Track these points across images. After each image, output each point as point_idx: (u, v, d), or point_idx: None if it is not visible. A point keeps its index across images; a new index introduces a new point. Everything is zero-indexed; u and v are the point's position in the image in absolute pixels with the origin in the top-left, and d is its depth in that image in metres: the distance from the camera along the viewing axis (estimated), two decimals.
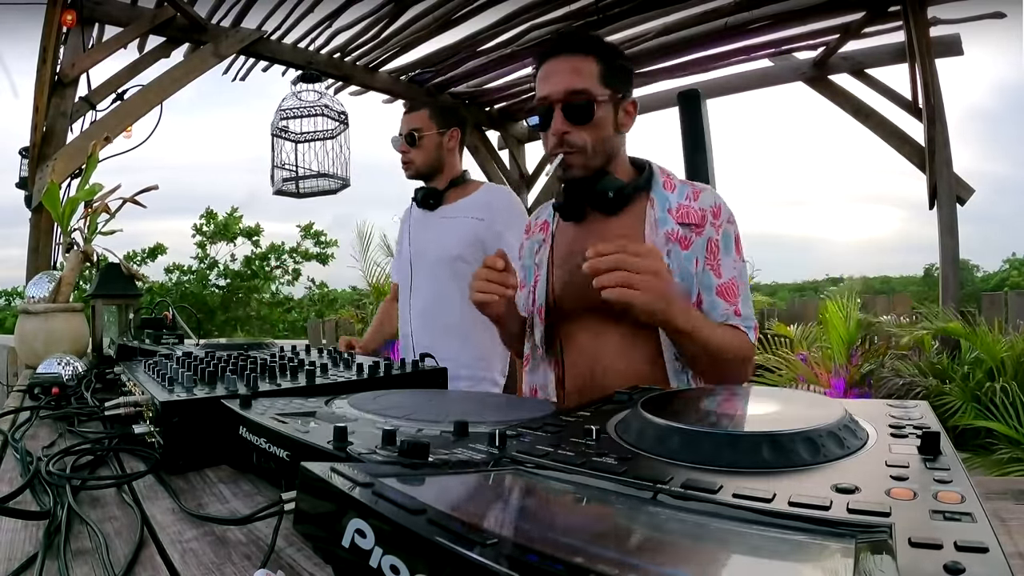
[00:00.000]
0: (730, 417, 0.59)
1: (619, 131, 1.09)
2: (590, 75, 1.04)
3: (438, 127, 1.77)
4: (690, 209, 1.07)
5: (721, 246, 1.06)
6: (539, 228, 1.25)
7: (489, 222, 1.71)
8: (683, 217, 1.07)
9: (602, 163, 1.08)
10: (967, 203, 3.60)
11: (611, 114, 1.06)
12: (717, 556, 0.33)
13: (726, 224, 1.07)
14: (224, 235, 11.01)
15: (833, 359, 3.83)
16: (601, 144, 1.06)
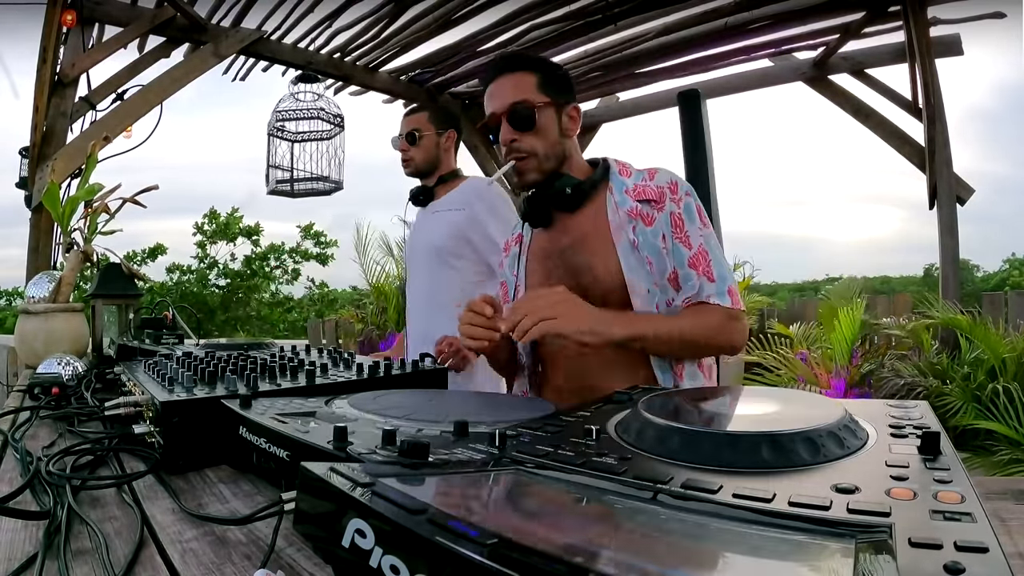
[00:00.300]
0: (730, 417, 0.59)
1: (565, 135, 1.16)
2: (528, 87, 1.13)
3: (436, 128, 1.88)
4: (647, 187, 1.13)
5: (684, 218, 1.10)
6: (515, 242, 1.31)
7: (469, 212, 1.80)
8: (640, 195, 1.12)
9: (555, 166, 1.15)
10: (967, 203, 3.60)
11: (554, 120, 1.14)
12: (717, 556, 0.33)
13: (685, 197, 1.12)
14: (225, 235, 11.01)
15: (833, 359, 3.83)
16: (550, 148, 1.14)
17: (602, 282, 1.11)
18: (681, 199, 1.11)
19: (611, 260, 1.11)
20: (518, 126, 1.12)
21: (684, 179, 1.15)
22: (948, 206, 3.58)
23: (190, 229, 11.05)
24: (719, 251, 1.11)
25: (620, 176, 1.17)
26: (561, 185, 1.13)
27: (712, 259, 1.09)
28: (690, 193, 1.13)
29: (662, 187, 1.12)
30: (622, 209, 1.12)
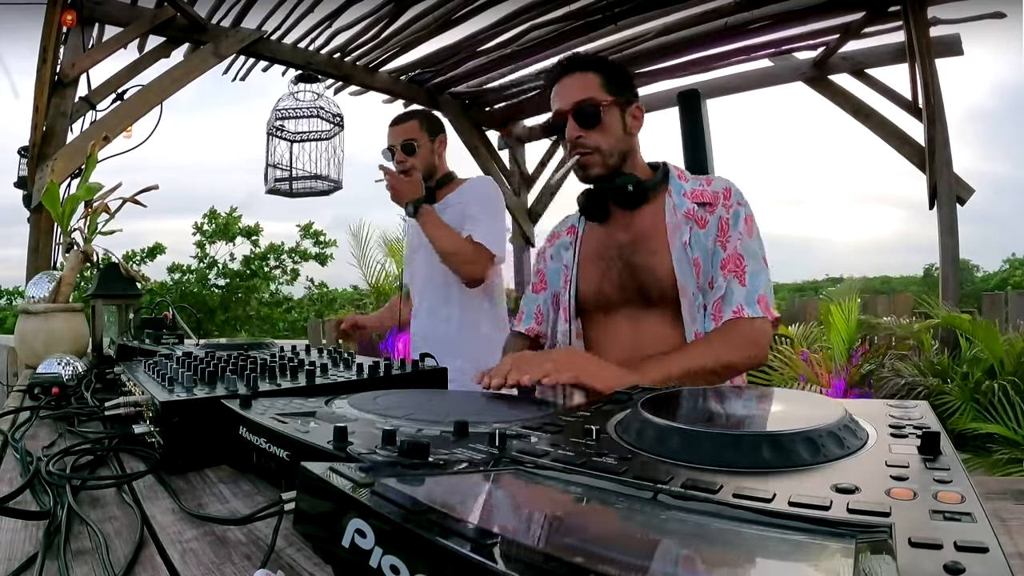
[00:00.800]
0: (730, 417, 0.59)
1: (629, 133, 1.20)
2: (593, 85, 1.17)
3: (430, 135, 1.93)
4: (704, 191, 1.18)
5: (730, 223, 1.14)
6: (567, 233, 1.35)
7: (464, 204, 1.86)
8: (698, 197, 1.17)
9: (618, 162, 1.19)
10: (967, 203, 3.60)
11: (618, 118, 1.18)
12: (717, 556, 0.33)
13: (736, 205, 1.15)
14: (224, 235, 11.01)
15: (833, 359, 3.83)
16: (614, 145, 1.18)
17: (660, 281, 1.15)
18: (732, 206, 1.15)
19: (666, 260, 1.15)
20: (583, 123, 1.16)
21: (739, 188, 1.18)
22: (948, 206, 3.58)
23: (190, 229, 11.06)
24: (758, 261, 1.12)
25: (679, 180, 1.21)
26: (624, 182, 1.17)
27: (747, 265, 1.11)
28: (742, 202, 1.16)
29: (717, 192, 1.17)
30: (680, 211, 1.17)
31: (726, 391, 0.69)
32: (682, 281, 1.14)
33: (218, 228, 10.99)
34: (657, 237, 1.17)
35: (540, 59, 4.05)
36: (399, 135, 1.92)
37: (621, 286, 1.22)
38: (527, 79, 4.37)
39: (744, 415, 0.60)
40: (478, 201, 1.88)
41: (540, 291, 1.38)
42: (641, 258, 1.18)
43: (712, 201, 1.16)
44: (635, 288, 1.18)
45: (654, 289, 1.16)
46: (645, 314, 1.19)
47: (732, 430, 0.48)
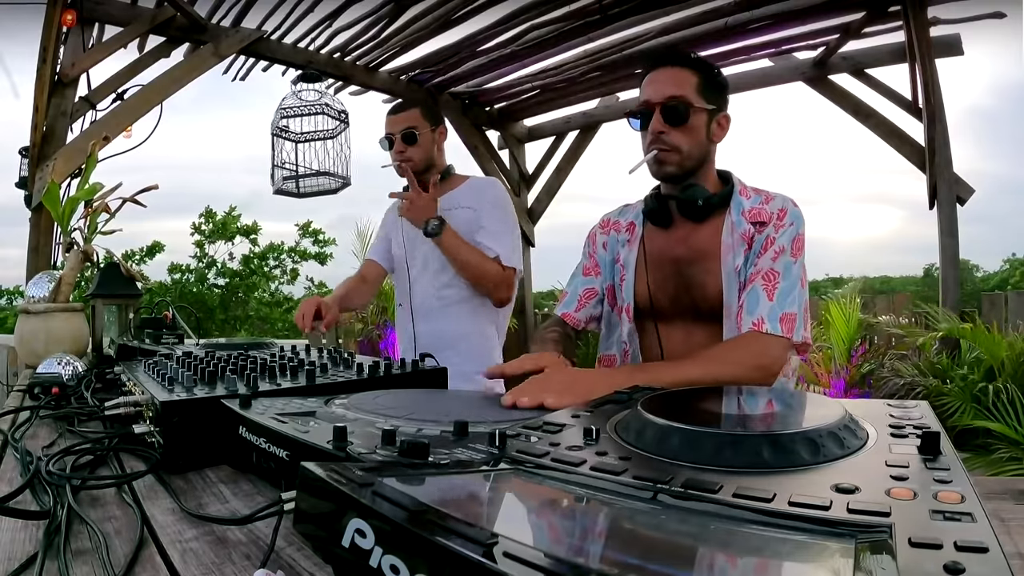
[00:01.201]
0: (730, 417, 0.59)
1: (711, 140, 1.18)
2: (689, 85, 1.15)
3: (431, 124, 1.83)
4: (762, 210, 1.16)
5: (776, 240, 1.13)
6: (625, 228, 1.32)
7: (478, 210, 1.79)
8: (755, 217, 1.16)
9: (695, 166, 1.17)
10: (967, 203, 3.60)
11: (705, 123, 1.16)
12: (717, 556, 0.33)
13: (788, 226, 1.14)
14: (222, 234, 11.00)
15: (833, 359, 3.83)
16: (695, 148, 1.16)
17: (709, 300, 1.16)
18: (784, 226, 1.13)
19: (718, 280, 1.15)
20: (671, 120, 1.14)
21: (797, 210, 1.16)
22: (948, 206, 3.58)
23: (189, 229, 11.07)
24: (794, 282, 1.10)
25: (740, 196, 1.19)
26: (695, 195, 1.16)
27: (781, 283, 1.09)
28: (794, 223, 1.14)
29: (773, 212, 1.15)
30: (738, 231, 1.16)
31: (726, 391, 0.69)
32: (728, 302, 1.14)
33: (216, 228, 10.99)
34: (712, 255, 1.16)
35: (540, 59, 4.05)
36: (399, 123, 1.82)
37: (675, 298, 1.21)
38: (527, 79, 4.37)
39: (744, 415, 0.60)
40: (495, 211, 1.80)
41: (590, 275, 1.35)
42: (696, 274, 1.18)
43: (767, 220, 1.15)
44: (688, 303, 1.19)
45: (704, 305, 1.17)
46: (696, 327, 1.19)
47: (732, 430, 0.48)
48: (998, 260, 22.04)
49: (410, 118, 1.81)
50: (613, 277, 1.32)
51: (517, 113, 5.01)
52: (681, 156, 1.15)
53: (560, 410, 0.85)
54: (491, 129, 5.10)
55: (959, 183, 3.59)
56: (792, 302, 1.09)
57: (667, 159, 1.15)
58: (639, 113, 1.18)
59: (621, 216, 1.36)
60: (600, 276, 1.34)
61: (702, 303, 1.17)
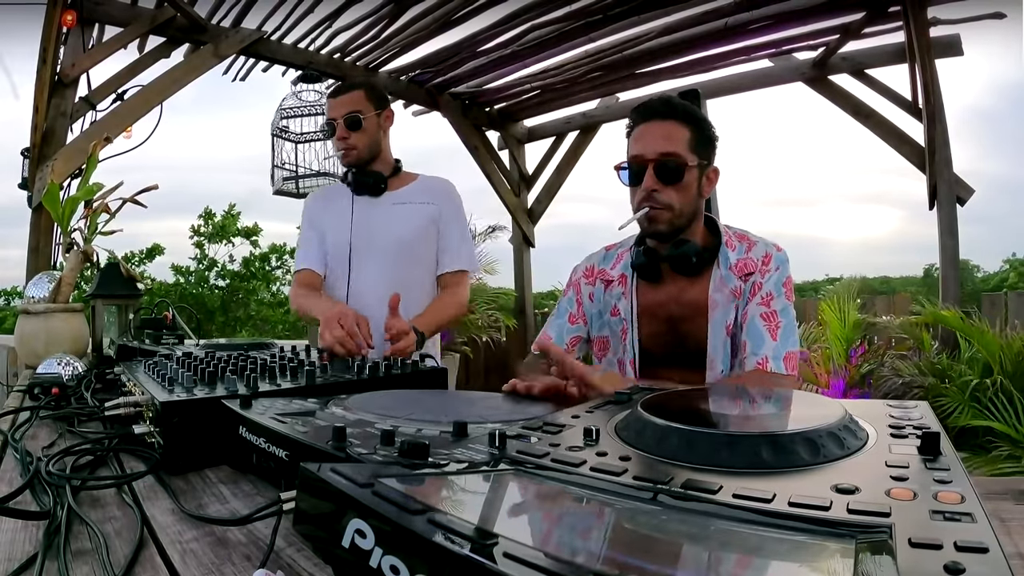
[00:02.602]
0: (730, 417, 0.59)
1: (701, 195, 1.19)
2: (682, 141, 1.14)
3: (375, 107, 1.67)
4: (748, 260, 1.18)
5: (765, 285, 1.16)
6: (618, 281, 1.29)
7: (439, 207, 1.73)
8: (742, 269, 1.18)
9: (687, 223, 1.17)
10: (967, 203, 3.60)
11: (696, 179, 1.16)
12: (717, 556, 0.33)
13: (774, 271, 1.17)
14: (222, 235, 11.01)
15: (832, 359, 3.83)
16: (688, 206, 1.16)
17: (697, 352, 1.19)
18: (769, 271, 1.16)
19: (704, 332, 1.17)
20: (664, 178, 1.12)
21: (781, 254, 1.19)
22: (948, 206, 3.58)
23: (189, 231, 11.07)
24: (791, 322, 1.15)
25: (727, 248, 1.20)
26: (688, 251, 1.16)
27: (781, 322, 1.13)
28: (779, 267, 1.17)
29: (757, 259, 1.17)
30: (727, 287, 1.17)
31: (726, 391, 0.69)
32: (711, 355, 1.17)
33: (215, 229, 10.99)
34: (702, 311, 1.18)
35: (540, 59, 4.05)
36: (342, 107, 1.65)
37: (670, 353, 1.23)
38: (527, 79, 4.37)
39: (744, 415, 0.60)
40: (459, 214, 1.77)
41: (577, 323, 1.33)
42: (689, 330, 1.20)
43: (753, 269, 1.17)
44: (681, 354, 1.21)
45: (698, 356, 1.19)
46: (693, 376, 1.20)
47: (732, 430, 0.48)
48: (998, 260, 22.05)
49: (353, 100, 1.65)
50: (600, 329, 1.31)
51: (517, 113, 5.01)
52: (673, 214, 1.14)
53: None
54: (491, 129, 5.10)
55: (959, 183, 3.59)
56: (793, 343, 1.13)
57: (659, 217, 1.14)
58: (630, 168, 1.17)
59: (606, 264, 1.33)
60: (587, 325, 1.33)
61: (696, 354, 1.19)
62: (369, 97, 1.66)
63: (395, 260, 1.68)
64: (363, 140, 1.66)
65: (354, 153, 1.66)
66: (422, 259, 1.72)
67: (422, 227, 1.70)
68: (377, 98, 1.69)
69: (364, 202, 1.73)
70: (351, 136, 1.64)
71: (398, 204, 1.71)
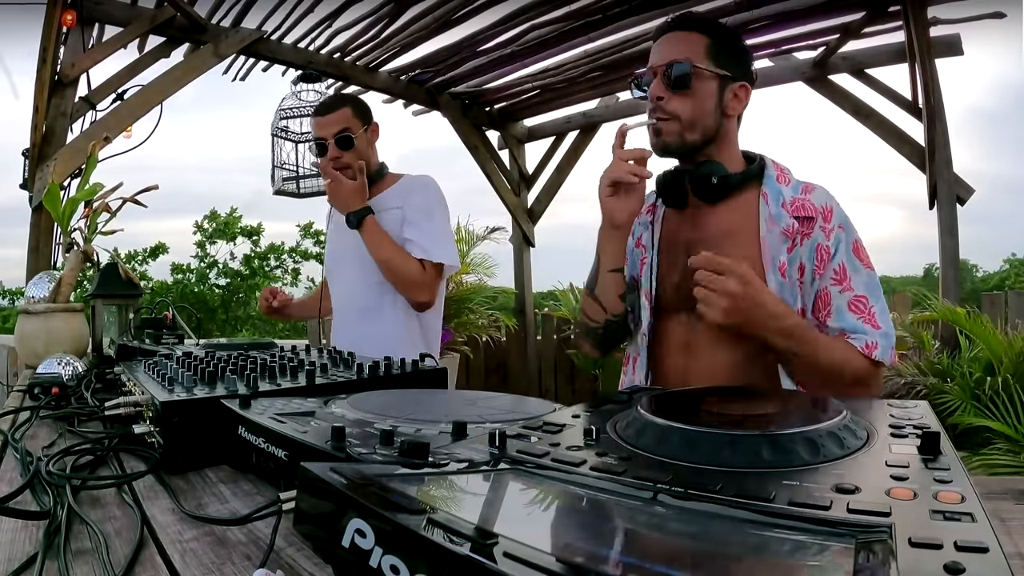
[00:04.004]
0: (730, 417, 0.59)
1: (724, 112, 1.05)
2: (695, 47, 1.03)
3: (363, 123, 1.68)
4: (805, 202, 1.03)
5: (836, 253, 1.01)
6: (647, 210, 1.18)
7: (404, 208, 1.67)
8: (798, 210, 1.02)
9: (699, 139, 1.04)
10: (967, 203, 3.60)
11: (714, 90, 1.04)
12: (717, 556, 0.33)
13: (837, 229, 1.02)
14: (224, 234, 11.03)
15: None
16: (699, 117, 1.03)
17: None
18: (832, 230, 1.01)
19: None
20: (670, 85, 1.01)
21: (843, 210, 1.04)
22: (948, 206, 3.58)
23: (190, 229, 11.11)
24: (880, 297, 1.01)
25: (777, 183, 1.05)
26: (708, 171, 1.03)
27: (874, 307, 0.99)
28: (844, 226, 1.02)
29: (818, 208, 1.02)
30: (778, 227, 1.01)
31: (726, 391, 0.69)
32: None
33: (219, 228, 11.01)
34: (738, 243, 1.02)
35: (540, 59, 4.05)
36: (331, 126, 1.63)
37: (676, 288, 1.08)
38: (527, 79, 4.37)
39: (744, 415, 0.60)
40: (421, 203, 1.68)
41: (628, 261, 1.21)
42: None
43: (812, 216, 1.01)
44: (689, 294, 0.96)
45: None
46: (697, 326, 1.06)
47: (732, 430, 0.48)
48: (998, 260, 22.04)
49: (342, 119, 1.64)
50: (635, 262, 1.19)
51: (517, 113, 5.00)
52: (681, 126, 1.02)
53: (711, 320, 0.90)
54: (491, 129, 5.10)
55: (959, 183, 3.59)
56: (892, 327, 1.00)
57: (665, 128, 1.03)
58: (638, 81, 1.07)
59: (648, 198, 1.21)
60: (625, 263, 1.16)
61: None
62: (356, 114, 1.67)
63: (365, 267, 1.66)
64: (355, 158, 1.65)
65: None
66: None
67: (391, 233, 1.64)
68: (363, 114, 1.69)
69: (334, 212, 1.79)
70: (343, 155, 1.65)
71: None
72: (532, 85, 4.44)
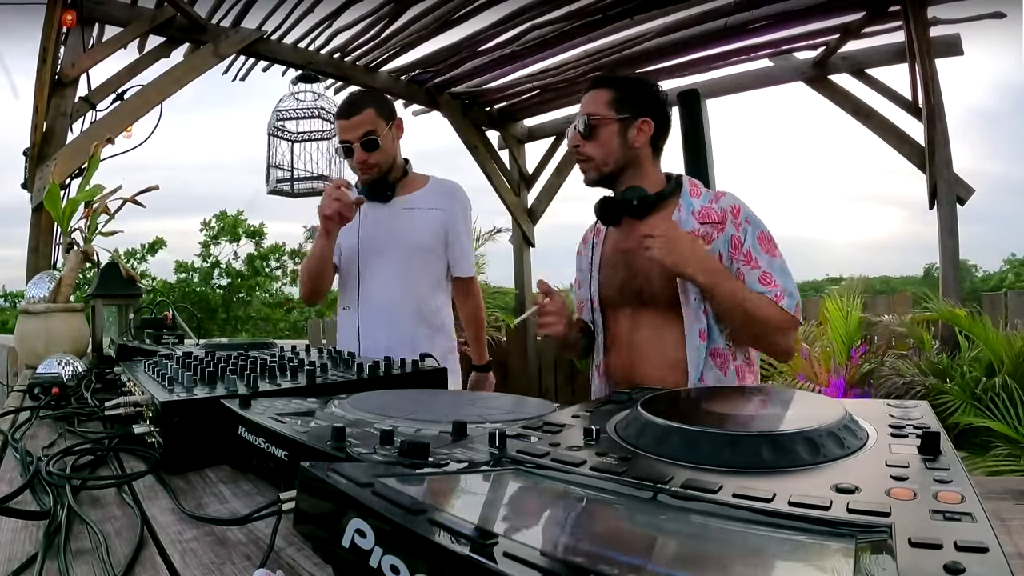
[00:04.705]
0: (730, 417, 0.59)
1: (631, 146, 1.29)
2: (601, 102, 1.30)
3: (387, 122, 1.67)
4: (711, 210, 1.26)
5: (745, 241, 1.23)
6: (592, 234, 1.46)
7: (450, 212, 1.73)
8: (704, 217, 1.26)
9: (615, 170, 1.30)
10: (967, 203, 3.60)
11: (616, 132, 1.29)
12: (717, 556, 0.33)
13: (744, 223, 1.24)
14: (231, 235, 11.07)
15: (833, 358, 3.83)
16: (607, 156, 1.29)
17: (652, 287, 1.27)
18: (741, 223, 1.23)
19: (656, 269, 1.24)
20: (584, 134, 1.30)
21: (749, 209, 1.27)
22: (948, 206, 3.58)
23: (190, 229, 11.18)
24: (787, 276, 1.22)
25: (690, 196, 1.30)
26: (630, 195, 1.28)
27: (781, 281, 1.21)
28: (751, 220, 1.24)
29: (725, 209, 1.25)
30: (685, 228, 1.24)
31: (726, 391, 0.69)
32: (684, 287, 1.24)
33: (226, 227, 11.05)
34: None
35: (540, 59, 4.05)
36: (357, 128, 1.62)
37: (621, 288, 1.33)
38: (527, 79, 4.37)
39: (744, 415, 0.60)
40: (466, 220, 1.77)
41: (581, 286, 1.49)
42: (640, 263, 1.27)
43: (719, 220, 1.24)
44: (632, 291, 1.30)
45: (647, 291, 1.28)
46: (641, 314, 1.31)
47: (732, 430, 0.48)
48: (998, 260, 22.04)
49: (366, 121, 1.63)
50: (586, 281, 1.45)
51: (517, 113, 5.00)
52: (596, 164, 1.30)
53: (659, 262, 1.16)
54: (491, 129, 5.09)
55: (959, 183, 3.58)
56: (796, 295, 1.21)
57: (584, 168, 1.33)
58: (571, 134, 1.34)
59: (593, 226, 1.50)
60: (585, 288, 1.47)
61: (646, 290, 1.28)
62: (380, 114, 1.66)
63: (403, 264, 1.70)
64: (382, 157, 1.67)
65: (376, 170, 1.67)
66: (430, 264, 1.73)
67: (430, 232, 1.71)
68: (387, 112, 1.69)
69: (372, 208, 1.72)
70: (370, 157, 1.65)
71: (407, 209, 1.72)
72: (532, 85, 4.44)
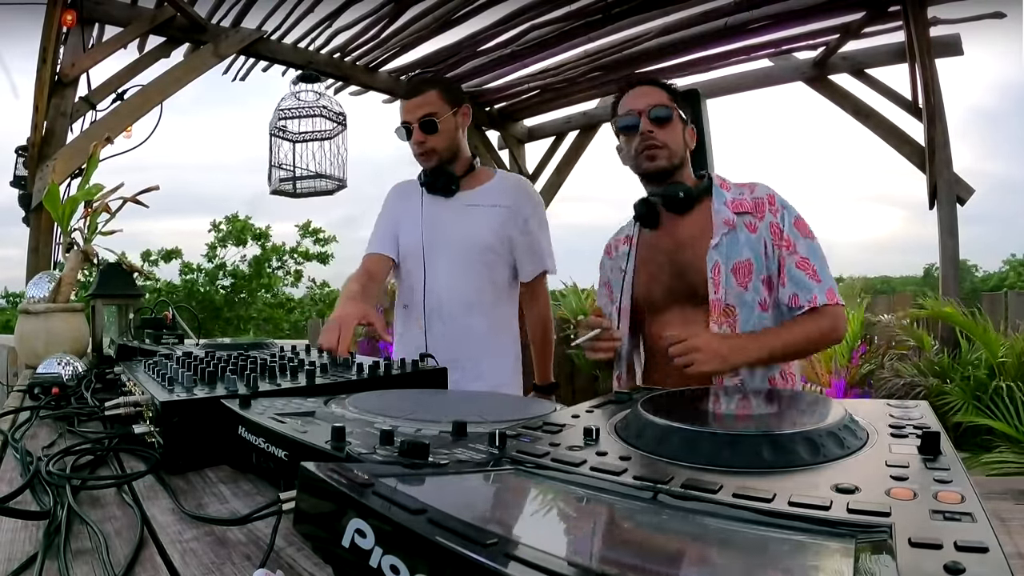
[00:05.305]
0: (730, 417, 0.59)
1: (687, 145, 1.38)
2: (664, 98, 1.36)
3: (451, 106, 1.61)
4: (744, 200, 1.32)
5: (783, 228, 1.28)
6: (623, 242, 1.48)
7: (516, 209, 1.66)
8: (738, 207, 1.31)
9: (679, 162, 1.36)
10: (967, 203, 3.60)
11: (681, 128, 1.36)
12: (717, 556, 0.33)
13: (781, 209, 1.30)
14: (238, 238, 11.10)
15: (834, 358, 3.83)
16: (676, 146, 1.35)
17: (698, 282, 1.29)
18: (778, 210, 1.30)
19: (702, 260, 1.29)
20: (656, 123, 1.33)
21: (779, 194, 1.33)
22: (948, 206, 3.58)
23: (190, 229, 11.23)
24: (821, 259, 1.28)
25: (720, 189, 1.35)
26: (676, 190, 1.33)
27: (815, 265, 1.27)
28: (784, 207, 1.31)
29: (761, 199, 1.31)
30: (720, 218, 1.30)
31: (726, 391, 0.69)
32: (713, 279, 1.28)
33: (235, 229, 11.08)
34: (703, 239, 1.30)
35: (540, 59, 4.05)
36: (417, 109, 1.58)
37: (669, 288, 1.34)
38: (527, 79, 4.37)
39: (744, 415, 0.60)
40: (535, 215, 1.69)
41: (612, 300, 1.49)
42: (686, 259, 1.31)
43: (753, 210, 1.30)
44: (683, 288, 1.32)
45: (701, 287, 1.29)
46: (694, 311, 1.31)
47: (732, 430, 0.48)
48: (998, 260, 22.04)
49: (428, 102, 1.59)
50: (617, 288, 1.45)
51: (517, 113, 5.00)
52: (670, 152, 1.33)
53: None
54: (491, 129, 5.10)
55: (959, 183, 3.59)
56: (830, 276, 1.27)
57: (658, 154, 1.33)
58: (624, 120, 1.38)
59: (619, 235, 1.52)
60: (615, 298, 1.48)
61: (699, 285, 1.29)
62: (444, 97, 1.61)
63: (466, 261, 1.65)
64: (441, 142, 1.61)
65: (435, 155, 1.62)
66: (493, 262, 1.67)
67: (492, 230, 1.64)
68: (453, 96, 1.63)
69: (435, 202, 1.68)
70: (428, 139, 1.60)
71: (470, 206, 1.66)
72: (532, 85, 4.44)
